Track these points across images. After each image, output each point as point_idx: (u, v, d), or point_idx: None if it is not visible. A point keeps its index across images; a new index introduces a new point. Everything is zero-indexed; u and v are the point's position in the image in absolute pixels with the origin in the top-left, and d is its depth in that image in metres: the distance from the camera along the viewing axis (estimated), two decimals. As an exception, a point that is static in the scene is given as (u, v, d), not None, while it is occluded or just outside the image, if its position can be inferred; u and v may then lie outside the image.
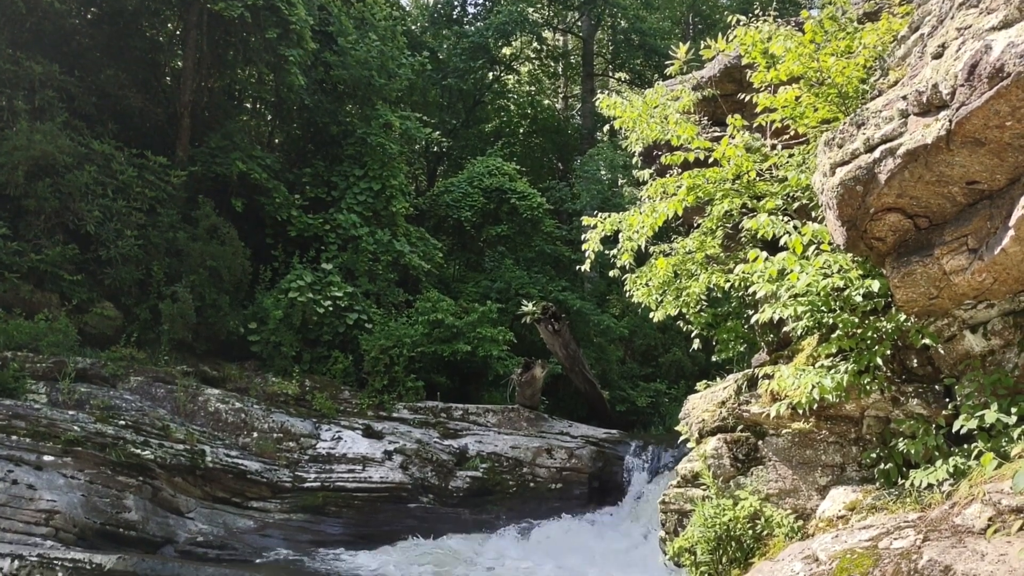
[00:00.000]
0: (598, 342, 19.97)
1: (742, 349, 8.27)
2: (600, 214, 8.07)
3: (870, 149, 5.29)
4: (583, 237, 8.12)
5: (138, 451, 11.73)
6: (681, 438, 8.20)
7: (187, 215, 15.92)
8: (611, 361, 20.12)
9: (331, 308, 15.86)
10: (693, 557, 7.15)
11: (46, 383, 12.23)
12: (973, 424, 5.16)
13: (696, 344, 8.79)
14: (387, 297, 17.45)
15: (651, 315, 8.43)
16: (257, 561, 11.64)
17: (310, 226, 17.11)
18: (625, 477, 15.17)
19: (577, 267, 8.92)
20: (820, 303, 6.19)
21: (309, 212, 17.43)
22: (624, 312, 21.41)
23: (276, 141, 20.08)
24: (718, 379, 8.38)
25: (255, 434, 13.70)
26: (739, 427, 7.52)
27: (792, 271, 6.04)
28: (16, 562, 9.68)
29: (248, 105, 20.56)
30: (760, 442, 7.34)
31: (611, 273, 8.64)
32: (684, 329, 8.60)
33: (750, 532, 6.84)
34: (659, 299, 8.22)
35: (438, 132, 23.63)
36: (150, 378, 13.45)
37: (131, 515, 11.25)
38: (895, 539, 4.93)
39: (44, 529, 10.35)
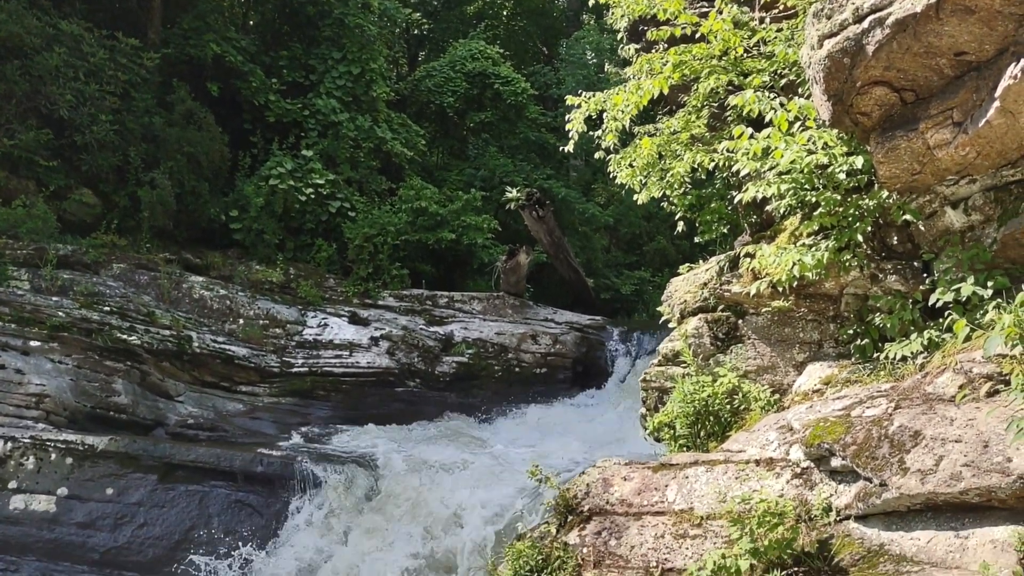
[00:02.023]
0: (583, 231, 19.95)
1: (725, 231, 8.29)
2: (585, 94, 7.92)
3: (859, 19, 5.17)
4: (567, 118, 8.00)
5: (124, 336, 11.79)
6: (663, 319, 8.32)
7: (162, 100, 15.51)
8: (596, 249, 20.16)
9: (313, 196, 15.68)
10: (672, 432, 7.34)
11: (28, 270, 12.15)
12: (949, 297, 5.23)
13: (680, 227, 8.81)
14: (369, 185, 17.25)
15: (635, 198, 8.40)
16: (248, 441, 11.90)
17: (289, 111, 16.73)
18: (608, 362, 15.44)
19: (561, 148, 8.81)
20: (803, 181, 6.18)
21: (287, 97, 17.00)
22: (609, 201, 21.31)
23: (251, 23, 19.39)
24: (701, 262, 8.44)
25: (241, 321, 13.78)
26: (720, 307, 7.63)
27: (776, 148, 6.00)
28: (9, 444, 9.87)
29: (221, -16, 19.72)
30: (740, 321, 7.46)
31: (595, 156, 8.56)
32: (668, 210, 8.59)
33: (728, 407, 7.01)
34: (643, 181, 8.17)
35: (418, 13, 22.88)
36: (132, 265, 13.40)
37: (120, 399, 11.41)
38: (867, 408, 5.07)
39: (35, 412, 10.51)
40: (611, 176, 8.42)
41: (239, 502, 10.13)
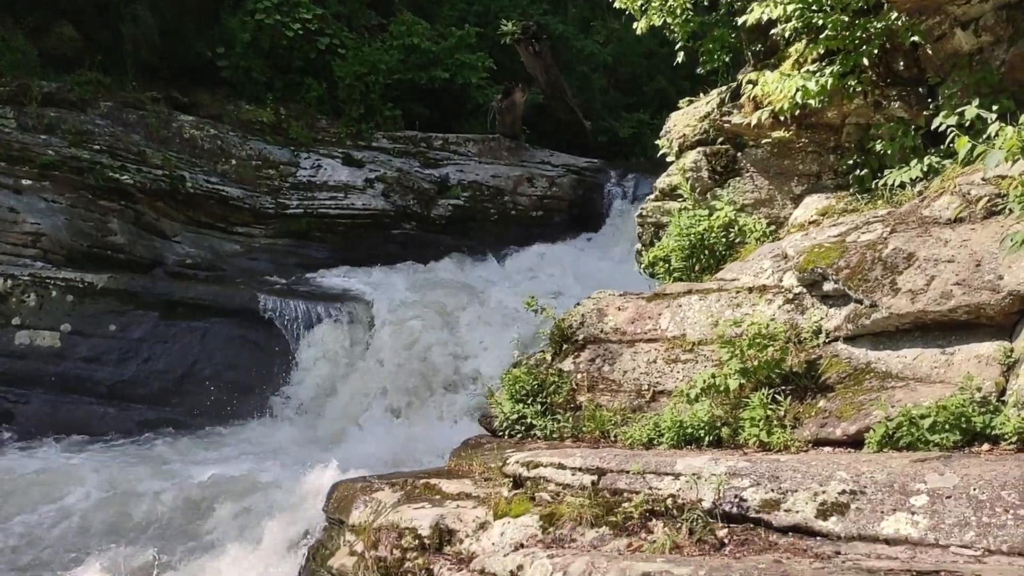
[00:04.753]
0: (580, 70, 19.35)
1: (727, 60, 8.02)
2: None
3: None
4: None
5: (116, 176, 11.66)
6: (660, 152, 8.20)
7: (138, -74, 14.67)
8: (593, 90, 19.63)
9: (300, 31, 15.08)
10: (667, 265, 7.38)
11: (12, 107, 11.82)
12: (952, 121, 5.11)
13: (680, 58, 8.51)
14: (359, 20, 16.58)
15: (635, 26, 8.08)
16: (246, 281, 12.00)
17: (271, -62, 15.86)
18: (605, 204, 15.39)
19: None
20: (811, 1, 5.93)
21: (268, -77, 16.06)
22: (608, 39, 20.58)
23: None
24: (701, 96, 8.22)
25: (233, 161, 13.59)
26: (719, 139, 7.50)
27: (786, -36, 5.72)
28: (9, 281, 9.96)
29: None
30: (739, 154, 7.36)
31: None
32: (670, 39, 8.28)
33: (723, 240, 7.02)
34: (643, 6, 7.84)
35: None
36: (119, 103, 13.05)
37: (117, 238, 11.41)
38: (863, 233, 5.08)
39: (32, 251, 10.52)
40: (611, 1, 8.07)
41: (241, 338, 10.35)
